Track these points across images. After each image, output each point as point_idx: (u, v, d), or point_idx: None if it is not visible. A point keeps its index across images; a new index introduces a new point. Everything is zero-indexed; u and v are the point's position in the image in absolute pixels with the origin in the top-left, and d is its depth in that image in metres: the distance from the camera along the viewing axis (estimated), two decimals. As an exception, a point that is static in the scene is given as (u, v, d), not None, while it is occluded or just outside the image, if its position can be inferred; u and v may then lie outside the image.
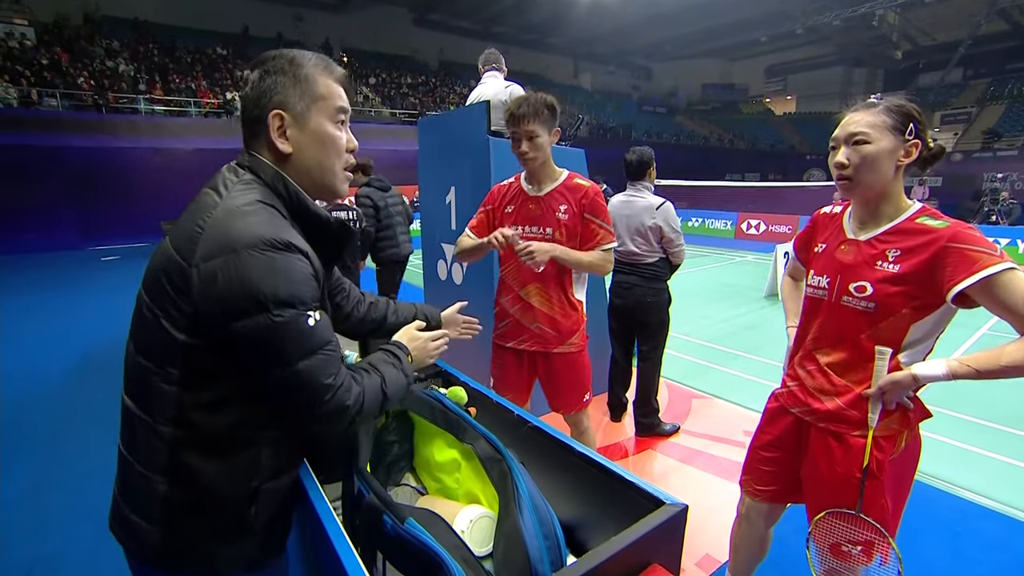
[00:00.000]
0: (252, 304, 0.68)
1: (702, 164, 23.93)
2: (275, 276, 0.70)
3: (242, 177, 0.80)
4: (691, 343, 4.65)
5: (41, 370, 3.99)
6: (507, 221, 1.81)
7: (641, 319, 2.74)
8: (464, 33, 25.41)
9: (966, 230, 1.04)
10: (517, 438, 1.08)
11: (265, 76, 0.80)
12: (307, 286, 0.74)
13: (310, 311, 0.74)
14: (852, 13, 20.69)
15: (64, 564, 1.97)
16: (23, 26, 14.51)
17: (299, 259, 0.74)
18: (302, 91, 0.81)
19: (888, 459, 1.15)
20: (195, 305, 0.70)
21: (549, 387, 1.89)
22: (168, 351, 0.73)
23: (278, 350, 0.71)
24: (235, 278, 0.68)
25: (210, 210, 0.73)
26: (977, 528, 2.14)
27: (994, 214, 11.32)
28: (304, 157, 0.83)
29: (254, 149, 0.83)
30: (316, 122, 0.82)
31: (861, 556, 1.16)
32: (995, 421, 3.11)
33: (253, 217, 0.72)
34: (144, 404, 0.76)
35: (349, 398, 0.79)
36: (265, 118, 0.80)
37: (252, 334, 0.70)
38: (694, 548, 1.96)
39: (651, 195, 2.67)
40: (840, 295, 1.17)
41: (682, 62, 32.16)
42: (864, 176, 1.11)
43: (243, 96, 0.82)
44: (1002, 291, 0.98)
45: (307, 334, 0.73)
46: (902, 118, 1.09)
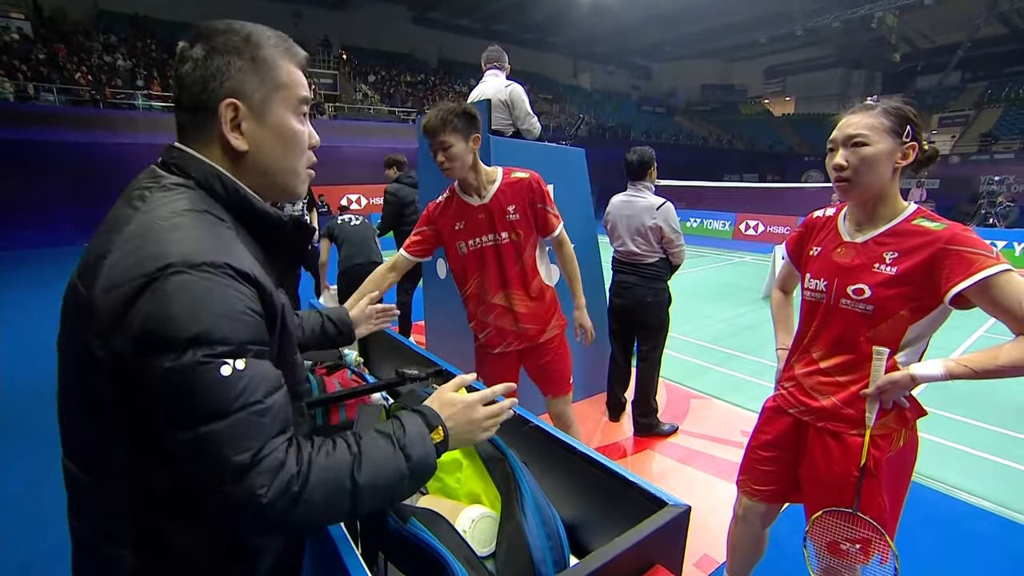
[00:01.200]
0: (159, 341, 0.54)
1: (701, 164, 23.96)
2: (190, 304, 0.54)
3: (163, 182, 0.64)
4: (690, 343, 4.65)
5: (38, 366, 3.97)
6: (460, 237, 1.77)
7: (641, 319, 2.74)
8: (463, 31, 25.37)
9: (963, 232, 1.05)
10: (519, 438, 1.08)
11: (213, 54, 0.65)
12: (235, 322, 0.57)
13: (228, 357, 0.55)
14: (851, 15, 20.74)
15: (60, 561, 1.95)
16: (19, 20, 14.43)
17: (232, 285, 0.58)
18: (261, 77, 0.67)
19: (885, 457, 1.15)
20: (107, 346, 0.56)
21: (535, 372, 1.94)
22: (99, 400, 0.59)
23: (180, 404, 0.55)
24: (144, 309, 0.54)
25: (121, 228, 0.59)
26: (972, 528, 2.16)
27: (991, 217, 11.37)
28: (263, 156, 0.69)
29: (192, 144, 0.68)
30: (277, 115, 0.69)
31: (859, 554, 1.16)
32: (990, 423, 3.13)
33: (174, 233, 0.58)
34: (89, 466, 0.63)
35: (265, 488, 0.55)
36: (214, 107, 0.65)
37: (156, 380, 0.54)
38: (692, 548, 1.96)
39: (652, 195, 2.67)
40: (839, 298, 1.18)
41: (682, 62, 32.19)
42: (863, 178, 1.11)
43: (180, 76, 0.66)
44: (998, 292, 0.99)
45: (218, 387, 0.54)
46: (899, 120, 1.10)
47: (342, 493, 0.61)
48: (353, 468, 0.62)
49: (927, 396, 3.42)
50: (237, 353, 0.56)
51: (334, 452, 0.63)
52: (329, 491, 0.60)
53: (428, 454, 0.69)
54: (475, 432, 0.77)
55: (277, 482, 0.56)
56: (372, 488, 0.63)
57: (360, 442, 0.65)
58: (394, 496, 0.68)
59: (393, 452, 0.66)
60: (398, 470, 0.65)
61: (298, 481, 0.57)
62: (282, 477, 0.56)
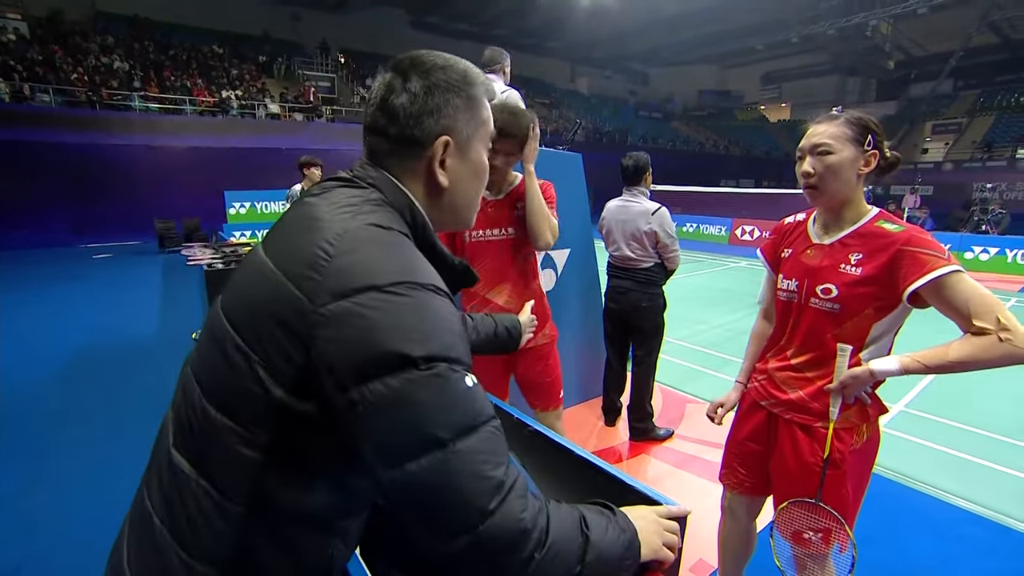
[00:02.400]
0: (397, 356, 0.49)
1: (697, 170, 24.07)
2: (429, 320, 0.52)
3: (369, 195, 0.62)
4: (685, 348, 4.67)
5: (31, 368, 3.94)
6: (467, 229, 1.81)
7: (636, 324, 2.75)
8: (462, 36, 25.43)
9: (919, 234, 1.12)
10: (516, 441, 1.08)
11: (433, 91, 0.64)
12: (463, 342, 0.55)
13: (468, 372, 0.54)
14: (846, 23, 20.95)
15: (52, 564, 1.94)
16: (16, 20, 14.38)
17: (451, 308, 0.56)
18: (471, 115, 0.67)
19: (848, 450, 1.21)
20: (310, 355, 0.51)
21: (525, 383, 1.92)
22: (259, 409, 0.54)
23: (424, 422, 0.49)
24: (383, 321, 0.50)
25: (333, 230, 0.55)
26: (966, 533, 2.17)
27: (984, 223, 11.47)
28: (458, 192, 0.69)
29: (389, 167, 0.66)
30: (477, 151, 0.70)
31: (820, 543, 1.21)
32: (986, 429, 3.15)
33: (400, 249, 0.56)
34: (208, 469, 0.57)
35: (524, 512, 0.50)
36: (429, 142, 0.65)
37: (390, 399, 0.49)
38: (688, 553, 1.96)
39: (647, 200, 2.68)
40: (808, 297, 1.24)
41: (679, 68, 32.39)
42: (828, 184, 1.18)
43: (393, 108, 0.64)
44: (948, 292, 1.06)
45: (466, 398, 0.51)
46: (861, 130, 1.16)
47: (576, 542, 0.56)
48: (582, 525, 0.58)
49: (924, 402, 3.46)
50: (469, 371, 0.54)
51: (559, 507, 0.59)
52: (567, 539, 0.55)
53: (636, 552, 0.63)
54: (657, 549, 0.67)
55: (530, 509, 0.51)
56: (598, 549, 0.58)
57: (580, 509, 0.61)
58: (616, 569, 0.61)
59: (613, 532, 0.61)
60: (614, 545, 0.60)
61: (544, 513, 0.53)
62: (532, 505, 0.52)
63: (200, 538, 0.56)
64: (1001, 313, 1.02)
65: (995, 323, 1.02)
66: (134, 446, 0.66)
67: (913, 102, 27.14)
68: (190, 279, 6.94)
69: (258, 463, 0.55)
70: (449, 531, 0.49)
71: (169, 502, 0.58)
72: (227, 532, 0.56)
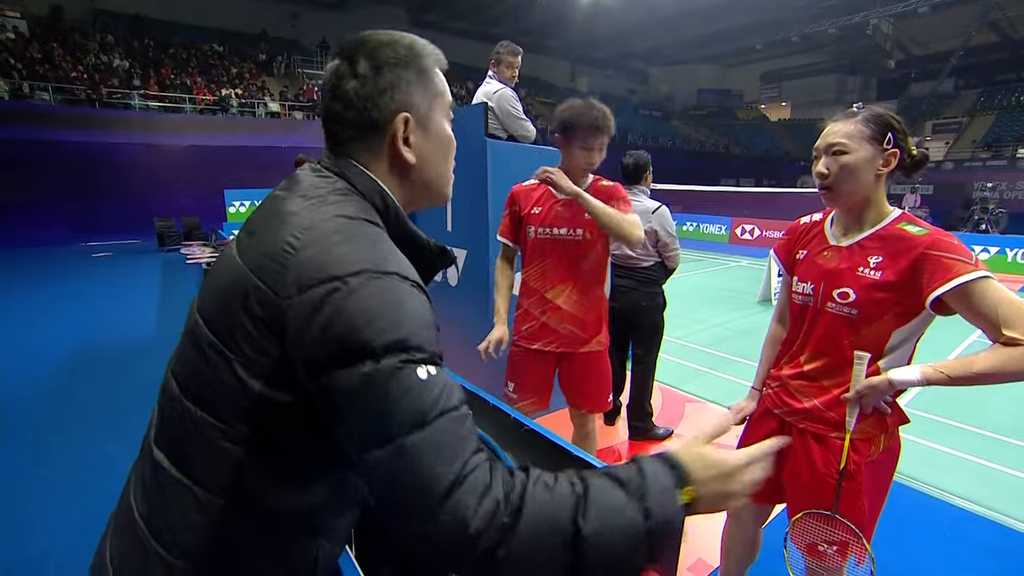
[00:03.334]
0: (356, 347, 0.50)
1: (697, 169, 24.06)
2: (390, 309, 0.52)
3: (335, 185, 0.62)
4: (685, 347, 4.66)
5: (28, 366, 3.94)
6: (534, 222, 1.80)
7: (636, 323, 2.75)
8: (461, 34, 25.41)
9: (944, 238, 1.06)
10: (513, 441, 1.08)
11: (383, 69, 0.63)
12: (427, 330, 0.54)
13: (424, 364, 0.52)
14: (847, 22, 20.93)
15: (45, 567, 1.93)
16: (15, 18, 14.36)
17: (418, 296, 0.55)
18: (425, 88, 0.66)
19: (865, 461, 1.17)
20: (283, 347, 0.53)
21: (571, 387, 1.90)
22: (237, 403, 0.55)
23: (378, 415, 0.49)
24: (343, 311, 0.50)
25: (300, 224, 0.56)
26: (968, 533, 2.16)
27: (983, 223, 11.48)
28: (427, 167, 0.69)
29: (357, 156, 0.66)
30: (438, 123, 0.69)
31: (836, 556, 1.17)
32: (987, 428, 3.15)
33: (362, 239, 0.56)
34: (189, 465, 0.57)
35: (471, 511, 0.47)
36: (387, 123, 0.64)
37: (351, 390, 0.50)
38: (686, 553, 1.96)
39: (647, 199, 2.67)
40: (825, 301, 1.19)
41: (679, 67, 32.36)
42: (843, 185, 1.13)
43: (345, 93, 0.63)
44: (976, 299, 1.00)
45: (417, 391, 0.50)
46: (880, 128, 1.11)
47: (561, 540, 0.48)
48: (577, 512, 0.49)
49: (927, 402, 3.46)
50: (431, 360, 0.53)
51: (554, 485, 0.51)
52: (546, 532, 0.48)
53: (674, 516, 0.52)
54: (723, 502, 0.58)
55: (484, 506, 0.47)
56: (599, 541, 0.49)
57: (584, 480, 0.52)
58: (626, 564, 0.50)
59: (627, 502, 0.51)
60: (631, 528, 0.50)
61: (507, 510, 0.48)
62: (488, 502, 0.47)
63: (178, 533, 0.57)
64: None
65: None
66: (132, 445, 0.65)
67: (913, 101, 27.11)
68: (189, 277, 6.92)
69: (239, 457, 0.56)
70: (405, 522, 0.49)
71: (149, 496, 0.59)
72: (205, 527, 0.56)
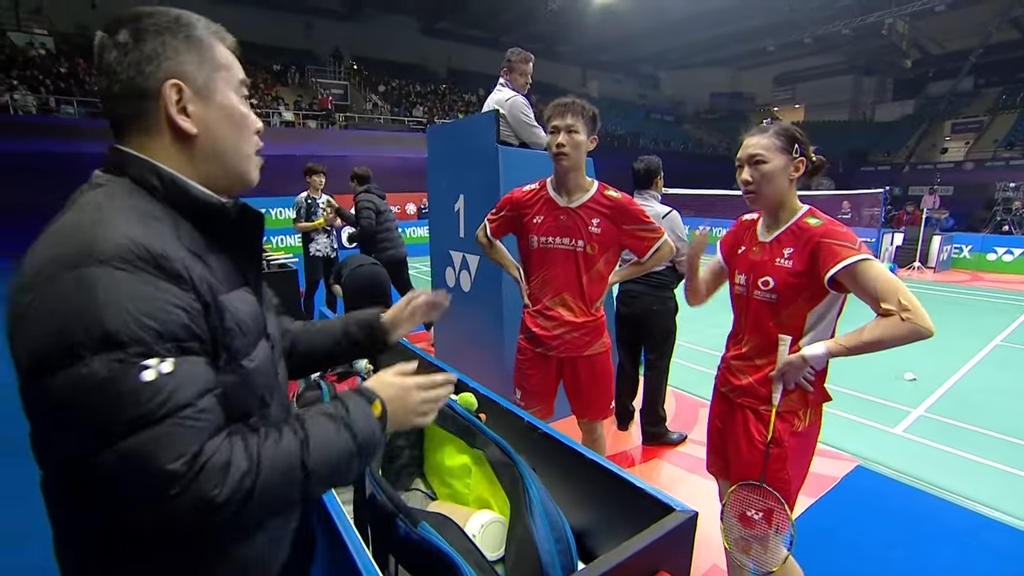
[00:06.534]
0: (59, 351, 0.48)
1: (709, 173, 23.85)
2: (95, 302, 0.48)
3: (93, 181, 0.61)
4: (698, 352, 4.63)
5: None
6: (536, 231, 1.79)
7: (648, 328, 2.75)
8: (473, 42, 25.62)
9: (834, 227, 1.26)
10: (527, 444, 1.10)
11: (144, 36, 0.61)
12: (154, 319, 0.51)
13: (145, 358, 0.50)
14: (862, 22, 20.64)
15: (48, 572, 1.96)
16: (43, 36, 14.87)
17: (144, 278, 0.52)
18: (200, 56, 0.64)
19: (789, 431, 1.32)
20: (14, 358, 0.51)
21: (576, 393, 1.89)
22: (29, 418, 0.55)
23: (93, 421, 0.48)
24: (44, 312, 0.49)
25: (43, 232, 0.56)
26: (986, 540, 2.12)
27: (1006, 223, 11.21)
28: (214, 139, 0.65)
29: (133, 139, 0.63)
30: (223, 95, 0.66)
31: (762, 523, 1.30)
32: (1006, 433, 3.07)
33: (83, 229, 0.53)
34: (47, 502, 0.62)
35: (218, 492, 0.51)
36: (155, 91, 0.61)
37: (60, 397, 0.48)
38: (700, 559, 1.95)
39: (658, 204, 2.68)
40: (753, 289, 1.37)
41: (690, 71, 32.20)
42: (764, 189, 1.32)
43: (107, 66, 0.61)
44: (859, 278, 1.18)
45: (136, 394, 0.49)
46: (788, 140, 1.31)
47: (294, 481, 0.59)
48: (303, 453, 0.60)
49: (943, 407, 3.39)
50: (158, 353, 0.51)
51: (281, 440, 0.59)
52: (282, 481, 0.58)
53: (373, 429, 0.68)
54: (410, 416, 0.75)
55: (229, 481, 0.53)
56: (322, 471, 0.61)
57: (305, 425, 0.63)
58: (344, 476, 0.66)
59: (338, 431, 0.64)
60: (346, 449, 0.64)
61: (251, 476, 0.55)
62: (233, 475, 0.53)
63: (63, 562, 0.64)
64: (903, 295, 1.14)
65: (897, 304, 1.13)
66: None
67: (932, 101, 26.57)
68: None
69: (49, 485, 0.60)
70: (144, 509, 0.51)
71: None
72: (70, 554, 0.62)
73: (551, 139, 1.70)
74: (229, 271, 0.66)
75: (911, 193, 19.09)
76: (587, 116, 1.68)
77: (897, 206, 16.20)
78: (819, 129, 29.79)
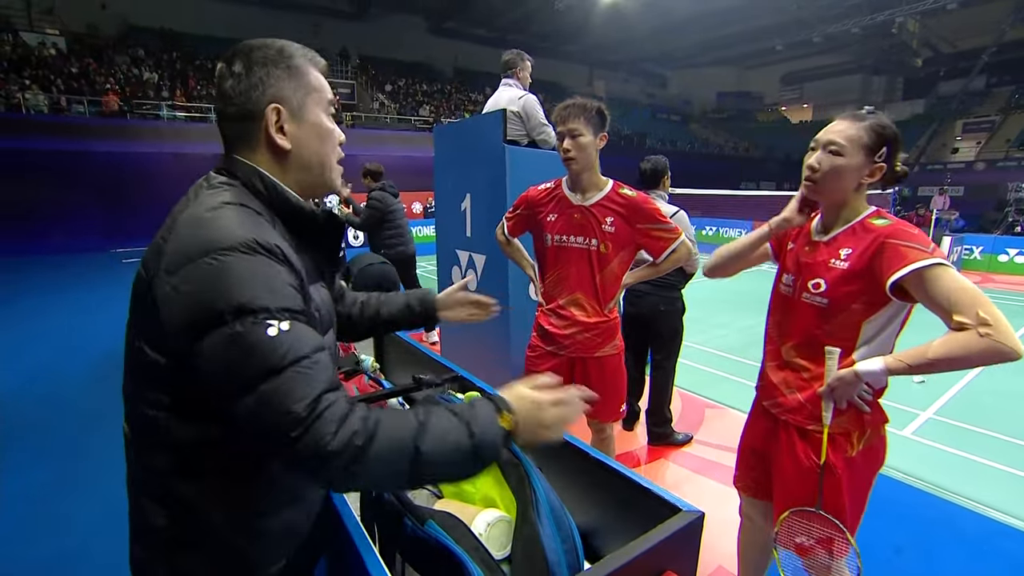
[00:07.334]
0: (209, 317, 0.60)
1: (717, 172, 23.76)
2: (231, 281, 0.61)
3: (211, 181, 0.73)
4: (705, 352, 4.61)
5: (66, 368, 4.10)
6: (550, 230, 1.79)
7: (655, 328, 2.73)
8: (479, 41, 25.63)
9: (904, 228, 1.11)
10: (533, 444, 1.09)
11: (253, 67, 0.73)
12: (274, 292, 0.63)
13: (271, 320, 0.61)
14: (871, 21, 20.44)
15: (86, 560, 2.01)
16: (54, 36, 15.04)
17: (266, 262, 0.65)
18: (296, 83, 0.76)
19: (843, 457, 1.18)
20: (163, 323, 0.63)
21: None
22: (151, 374, 0.67)
23: (236, 371, 0.60)
24: (192, 290, 0.61)
25: (176, 221, 0.67)
26: (1000, 547, 2.09)
27: (1018, 224, 11.06)
28: (304, 153, 0.77)
29: (240, 150, 0.76)
30: (313, 114, 0.78)
31: (823, 553, 1.18)
32: (1016, 437, 3.04)
33: (215, 222, 0.65)
34: (137, 432, 0.72)
35: (330, 439, 0.59)
36: (260, 113, 0.73)
37: (210, 353, 0.60)
38: (707, 560, 1.94)
39: (665, 204, 2.67)
40: (801, 292, 1.24)
41: (697, 70, 32.05)
42: (827, 183, 1.18)
43: (224, 91, 0.73)
44: (929, 285, 1.03)
45: (266, 346, 0.60)
46: (878, 140, 1.14)
47: (404, 458, 0.63)
48: (417, 435, 0.64)
49: (954, 410, 3.35)
50: (280, 317, 0.62)
51: (400, 419, 0.65)
52: (392, 453, 0.63)
53: (495, 436, 0.69)
54: (540, 431, 0.74)
55: (342, 433, 0.59)
56: (433, 457, 0.64)
57: (427, 412, 0.67)
58: (455, 471, 0.70)
59: (458, 425, 0.67)
60: (460, 445, 0.66)
61: (362, 436, 0.61)
62: (346, 429, 0.60)
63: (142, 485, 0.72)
64: (983, 307, 0.99)
65: (975, 318, 0.98)
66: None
67: (942, 100, 26.28)
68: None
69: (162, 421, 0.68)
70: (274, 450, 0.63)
71: (128, 464, 0.75)
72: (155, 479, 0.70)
73: (558, 144, 1.71)
74: (311, 267, 0.78)
75: (921, 194, 18.91)
76: (590, 115, 1.67)
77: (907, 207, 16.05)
78: (828, 129, 29.53)
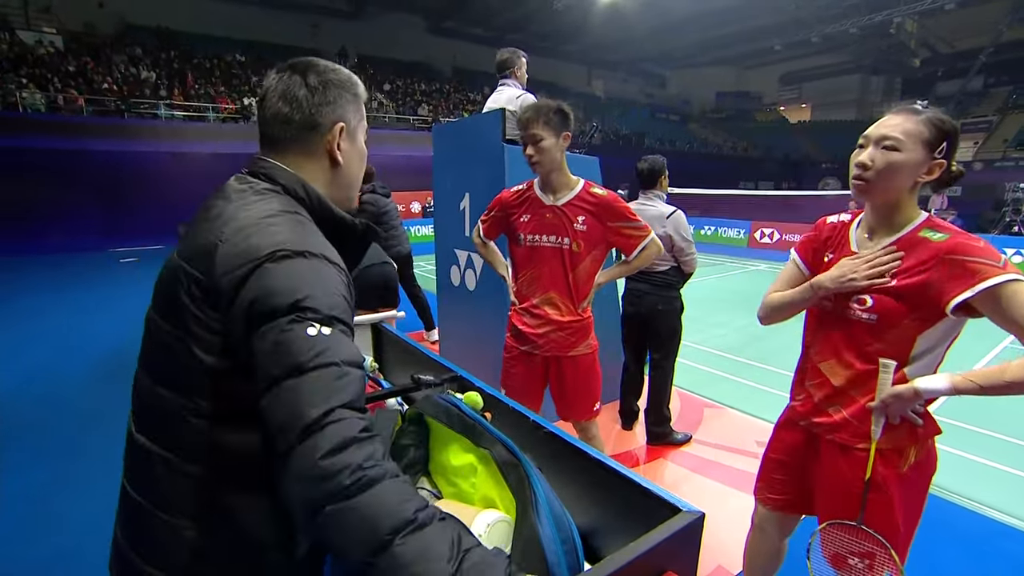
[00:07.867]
0: (264, 311, 0.61)
1: (715, 172, 23.76)
2: (292, 280, 0.63)
3: (255, 186, 0.75)
4: (703, 352, 4.61)
5: (64, 368, 4.09)
6: (523, 230, 1.82)
7: (653, 327, 2.73)
8: (478, 40, 25.61)
9: (967, 241, 1.02)
10: (532, 443, 1.09)
11: (329, 86, 0.80)
12: (329, 297, 0.64)
13: (315, 322, 0.61)
14: (869, 21, 20.48)
15: (81, 559, 2.00)
16: (51, 34, 14.98)
17: (328, 270, 0.67)
18: (355, 109, 0.85)
19: (896, 473, 1.13)
20: (224, 322, 0.65)
21: (560, 394, 1.89)
22: (196, 379, 0.67)
23: (268, 363, 0.60)
24: (254, 286, 0.63)
25: (228, 222, 0.69)
26: (999, 547, 2.10)
27: (1016, 224, 11.10)
28: (348, 170, 0.86)
29: (289, 155, 0.79)
30: (359, 139, 0.87)
31: (864, 569, 1.14)
32: (1016, 437, 3.04)
33: (276, 227, 0.68)
34: (166, 441, 0.69)
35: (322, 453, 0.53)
36: (326, 128, 0.80)
37: (259, 347, 0.61)
38: (706, 559, 1.94)
39: (662, 204, 2.67)
40: (844, 307, 1.16)
41: (696, 70, 32.07)
42: (882, 182, 1.08)
43: (297, 98, 0.77)
44: (1005, 303, 0.95)
45: (300, 343, 0.59)
46: (939, 134, 1.06)
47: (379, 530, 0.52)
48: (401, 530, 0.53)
49: (958, 410, 3.36)
50: (325, 321, 0.62)
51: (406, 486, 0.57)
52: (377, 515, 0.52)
53: None
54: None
55: (335, 459, 0.52)
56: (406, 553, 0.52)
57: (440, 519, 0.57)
58: None
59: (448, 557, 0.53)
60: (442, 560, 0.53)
61: (353, 476, 0.52)
62: (344, 457, 0.53)
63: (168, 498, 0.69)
64: None
65: None
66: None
67: (940, 100, 26.29)
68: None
69: (205, 428, 0.67)
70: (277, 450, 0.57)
71: (142, 477, 0.72)
72: (190, 490, 0.68)
73: (523, 151, 1.76)
74: None
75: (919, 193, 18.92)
76: (548, 117, 1.70)
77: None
78: (826, 129, 29.62)
